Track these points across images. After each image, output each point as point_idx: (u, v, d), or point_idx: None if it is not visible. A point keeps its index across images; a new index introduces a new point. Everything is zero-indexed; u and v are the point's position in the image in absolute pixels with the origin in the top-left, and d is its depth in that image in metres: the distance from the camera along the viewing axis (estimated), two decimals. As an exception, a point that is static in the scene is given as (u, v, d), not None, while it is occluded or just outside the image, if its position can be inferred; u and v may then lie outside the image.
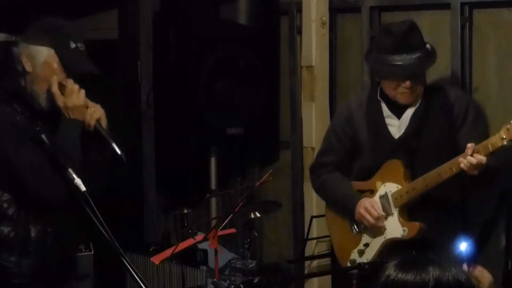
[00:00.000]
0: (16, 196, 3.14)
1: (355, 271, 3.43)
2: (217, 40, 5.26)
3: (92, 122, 3.19)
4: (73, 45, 3.22)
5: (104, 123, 3.24)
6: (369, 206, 3.82)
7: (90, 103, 3.23)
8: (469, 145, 3.49)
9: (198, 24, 5.24)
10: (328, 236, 5.03)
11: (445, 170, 3.57)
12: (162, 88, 5.64)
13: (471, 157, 3.46)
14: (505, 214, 4.27)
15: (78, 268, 4.50)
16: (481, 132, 3.71)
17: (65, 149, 3.08)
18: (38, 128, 3.07)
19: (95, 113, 3.21)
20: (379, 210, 3.81)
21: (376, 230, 3.84)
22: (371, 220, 3.81)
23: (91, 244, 4.92)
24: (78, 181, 2.83)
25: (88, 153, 3.23)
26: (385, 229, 3.82)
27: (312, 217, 4.94)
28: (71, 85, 3.18)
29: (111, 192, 5.78)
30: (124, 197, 6.12)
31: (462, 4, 4.42)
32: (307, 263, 5.12)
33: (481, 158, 3.46)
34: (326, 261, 5.07)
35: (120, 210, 6.02)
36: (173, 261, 4.82)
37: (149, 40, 5.87)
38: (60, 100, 3.16)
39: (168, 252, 4.15)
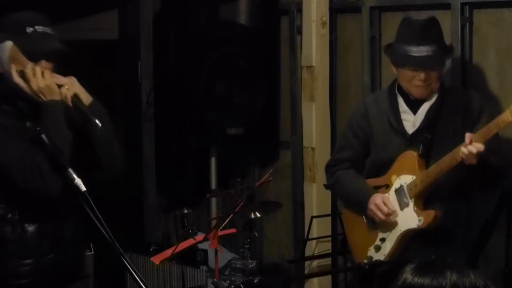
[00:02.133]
0: (7, 195, 3.12)
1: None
2: (217, 40, 5.26)
3: (69, 100, 3.11)
4: (29, 30, 3.12)
5: (84, 97, 3.15)
6: (379, 203, 3.80)
7: (63, 80, 3.15)
8: (467, 134, 3.49)
9: (198, 24, 5.24)
10: (328, 236, 5.06)
11: (459, 153, 3.55)
12: (162, 88, 5.64)
13: (471, 146, 3.46)
14: (505, 214, 4.27)
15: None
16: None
17: (53, 135, 3.02)
18: (38, 128, 3.05)
19: (70, 91, 3.12)
20: (390, 206, 3.79)
21: (389, 225, 3.83)
22: (381, 216, 3.79)
23: (91, 244, 4.92)
24: (78, 181, 2.82)
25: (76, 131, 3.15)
26: (398, 223, 3.81)
27: (312, 217, 4.94)
28: (29, 68, 3.10)
29: (111, 192, 5.80)
30: (124, 197, 6.12)
31: (462, 4, 4.43)
32: (307, 263, 5.12)
33: (479, 146, 3.46)
34: (326, 261, 5.07)
35: (120, 210, 6.02)
36: (173, 261, 4.82)
37: (149, 40, 5.87)
38: (25, 88, 3.10)
39: (168, 252, 4.16)
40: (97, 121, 3.06)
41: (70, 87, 3.14)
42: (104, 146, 3.20)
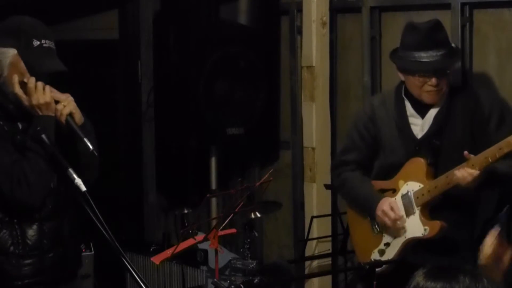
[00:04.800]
0: None
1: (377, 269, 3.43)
2: (217, 40, 5.26)
3: (63, 118, 3.14)
4: (36, 43, 3.14)
5: (77, 117, 3.17)
6: (387, 209, 3.79)
7: (61, 97, 3.17)
8: (465, 153, 3.50)
9: (198, 24, 5.24)
10: (328, 236, 5.06)
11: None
12: (162, 88, 5.64)
13: (465, 172, 3.50)
14: (505, 214, 4.26)
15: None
16: (508, 131, 3.66)
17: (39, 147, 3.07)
18: (38, 128, 3.07)
19: (65, 108, 3.14)
20: (397, 212, 3.78)
21: (396, 230, 3.83)
22: (389, 222, 3.80)
23: (91, 244, 4.93)
24: (78, 181, 2.83)
25: (64, 148, 3.17)
26: (405, 229, 3.80)
27: (312, 217, 4.94)
28: (32, 83, 3.12)
29: (111, 192, 5.81)
30: (124, 197, 6.12)
31: (463, 4, 4.42)
32: (307, 263, 5.12)
33: (474, 172, 3.49)
34: (327, 261, 5.07)
35: (120, 210, 6.02)
36: (173, 261, 4.82)
37: (149, 40, 5.87)
38: (24, 100, 3.12)
39: (168, 252, 4.15)
40: (88, 143, 3.07)
41: (67, 105, 3.16)
42: (88, 165, 3.22)
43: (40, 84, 3.13)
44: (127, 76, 6.06)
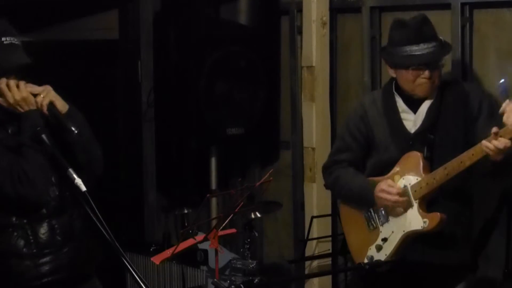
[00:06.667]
0: (2, 204, 3.14)
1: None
2: (217, 40, 5.26)
3: (44, 109, 3.15)
4: (6, 41, 3.15)
5: (59, 104, 3.18)
6: (385, 187, 3.76)
7: (38, 89, 3.18)
8: (494, 129, 3.43)
9: (198, 24, 5.24)
10: (328, 236, 5.06)
11: (467, 157, 3.52)
12: (163, 88, 5.64)
13: (497, 141, 3.40)
14: (506, 214, 4.27)
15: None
16: (497, 123, 3.66)
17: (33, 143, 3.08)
18: (38, 128, 3.08)
19: (45, 99, 3.15)
20: (397, 187, 3.75)
21: (398, 208, 3.80)
22: (392, 198, 3.74)
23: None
24: (78, 181, 2.83)
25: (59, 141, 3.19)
26: (406, 215, 3.77)
27: (313, 217, 4.95)
28: (3, 83, 3.13)
29: (111, 192, 5.81)
30: (124, 197, 6.12)
31: (463, 4, 4.43)
32: (307, 263, 5.12)
33: (506, 141, 3.39)
34: (327, 261, 5.07)
35: (120, 210, 6.02)
36: (174, 261, 4.82)
37: (149, 40, 5.88)
38: (1, 101, 3.15)
39: (168, 252, 4.16)
40: (72, 128, 3.11)
41: (46, 95, 3.17)
42: (81, 151, 3.23)
43: (12, 82, 3.14)
44: (127, 76, 6.06)
